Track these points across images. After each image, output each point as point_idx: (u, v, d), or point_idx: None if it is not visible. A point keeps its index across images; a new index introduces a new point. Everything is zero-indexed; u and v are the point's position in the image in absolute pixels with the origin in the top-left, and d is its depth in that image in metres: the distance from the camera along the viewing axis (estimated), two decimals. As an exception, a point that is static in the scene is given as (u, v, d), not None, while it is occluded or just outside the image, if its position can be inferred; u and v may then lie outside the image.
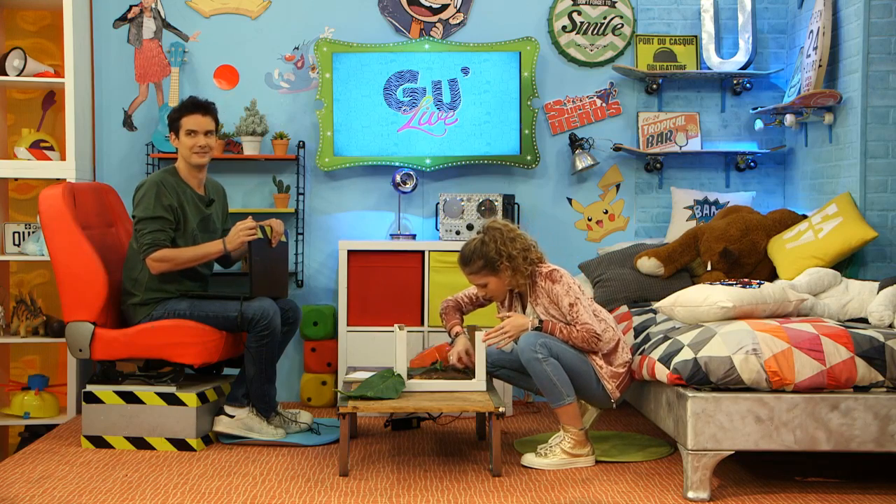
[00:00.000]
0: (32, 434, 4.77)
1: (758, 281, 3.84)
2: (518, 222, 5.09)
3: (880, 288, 3.91)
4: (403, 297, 4.86)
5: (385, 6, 5.31)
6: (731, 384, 3.44)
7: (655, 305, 3.97)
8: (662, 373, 3.59)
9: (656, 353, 3.70)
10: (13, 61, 4.88)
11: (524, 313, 4.02)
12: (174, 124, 4.33)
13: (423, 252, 4.88)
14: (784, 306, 3.77)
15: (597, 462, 3.94)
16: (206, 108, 4.35)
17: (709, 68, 5.26)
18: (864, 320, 3.87)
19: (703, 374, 3.45)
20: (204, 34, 5.29)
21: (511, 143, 5.21)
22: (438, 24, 5.32)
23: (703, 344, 3.52)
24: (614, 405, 3.97)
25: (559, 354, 3.84)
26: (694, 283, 4.61)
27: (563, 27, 5.33)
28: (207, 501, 3.45)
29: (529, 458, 3.92)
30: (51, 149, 4.98)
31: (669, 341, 3.70)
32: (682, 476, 3.69)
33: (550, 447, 3.91)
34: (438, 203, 5.06)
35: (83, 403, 4.23)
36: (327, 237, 5.32)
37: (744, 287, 3.74)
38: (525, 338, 3.86)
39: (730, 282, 3.85)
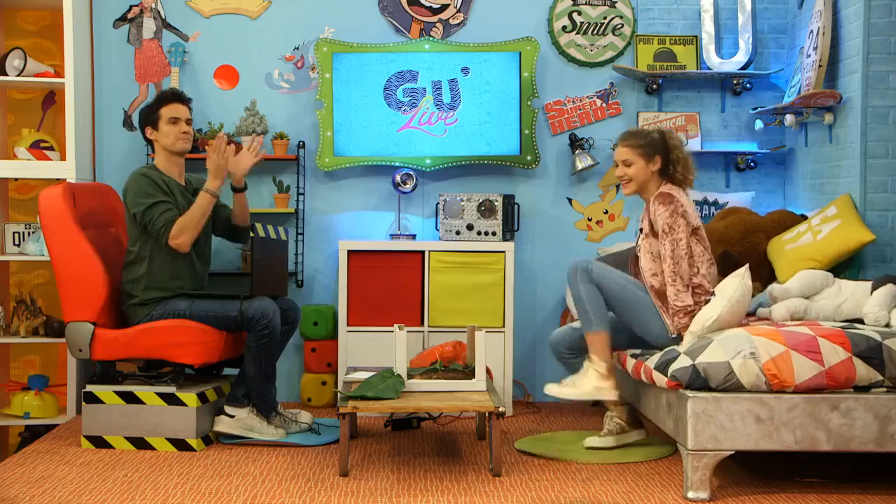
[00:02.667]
0: (32, 434, 4.76)
1: (711, 292, 3.83)
2: (518, 222, 5.10)
3: (873, 288, 3.90)
4: (403, 297, 4.86)
5: (385, 6, 5.31)
6: (731, 388, 3.44)
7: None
8: (661, 380, 3.60)
9: (651, 362, 3.71)
10: (13, 61, 4.88)
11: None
12: (151, 117, 4.36)
13: (423, 252, 4.88)
14: (744, 295, 3.77)
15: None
16: (183, 98, 4.43)
17: (709, 68, 5.26)
18: (860, 320, 3.87)
19: (703, 379, 3.45)
20: (204, 34, 5.29)
21: (511, 143, 5.21)
22: (438, 24, 5.32)
23: (700, 350, 3.52)
24: (671, 335, 3.86)
25: (602, 283, 3.91)
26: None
27: (564, 27, 5.33)
28: (207, 501, 3.45)
29: (552, 388, 3.98)
30: (51, 149, 4.98)
31: (665, 350, 3.74)
32: (682, 476, 3.69)
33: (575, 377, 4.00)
34: (438, 203, 5.05)
35: (83, 403, 4.23)
36: (327, 237, 5.32)
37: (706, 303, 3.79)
38: (576, 259, 3.98)
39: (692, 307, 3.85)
